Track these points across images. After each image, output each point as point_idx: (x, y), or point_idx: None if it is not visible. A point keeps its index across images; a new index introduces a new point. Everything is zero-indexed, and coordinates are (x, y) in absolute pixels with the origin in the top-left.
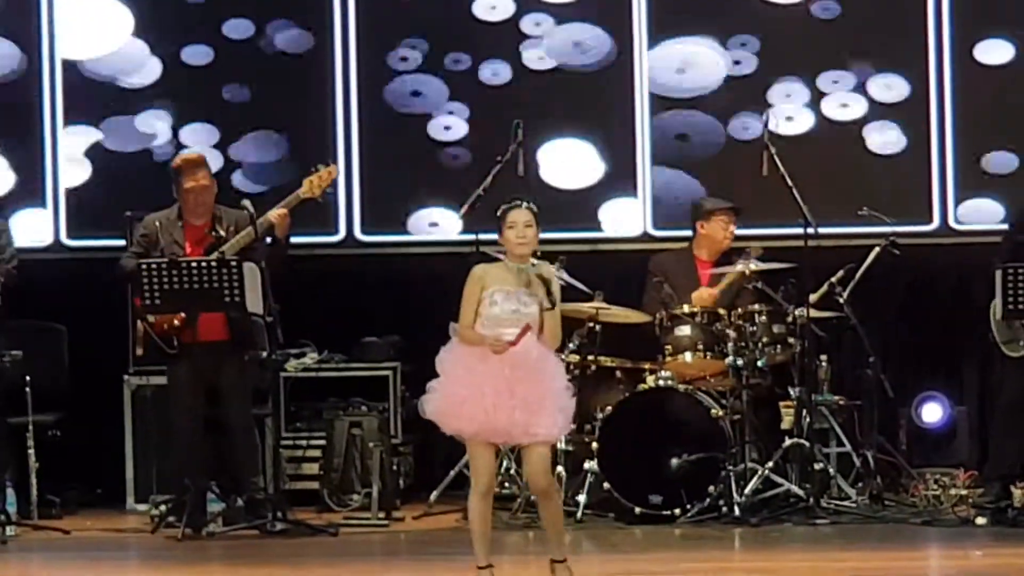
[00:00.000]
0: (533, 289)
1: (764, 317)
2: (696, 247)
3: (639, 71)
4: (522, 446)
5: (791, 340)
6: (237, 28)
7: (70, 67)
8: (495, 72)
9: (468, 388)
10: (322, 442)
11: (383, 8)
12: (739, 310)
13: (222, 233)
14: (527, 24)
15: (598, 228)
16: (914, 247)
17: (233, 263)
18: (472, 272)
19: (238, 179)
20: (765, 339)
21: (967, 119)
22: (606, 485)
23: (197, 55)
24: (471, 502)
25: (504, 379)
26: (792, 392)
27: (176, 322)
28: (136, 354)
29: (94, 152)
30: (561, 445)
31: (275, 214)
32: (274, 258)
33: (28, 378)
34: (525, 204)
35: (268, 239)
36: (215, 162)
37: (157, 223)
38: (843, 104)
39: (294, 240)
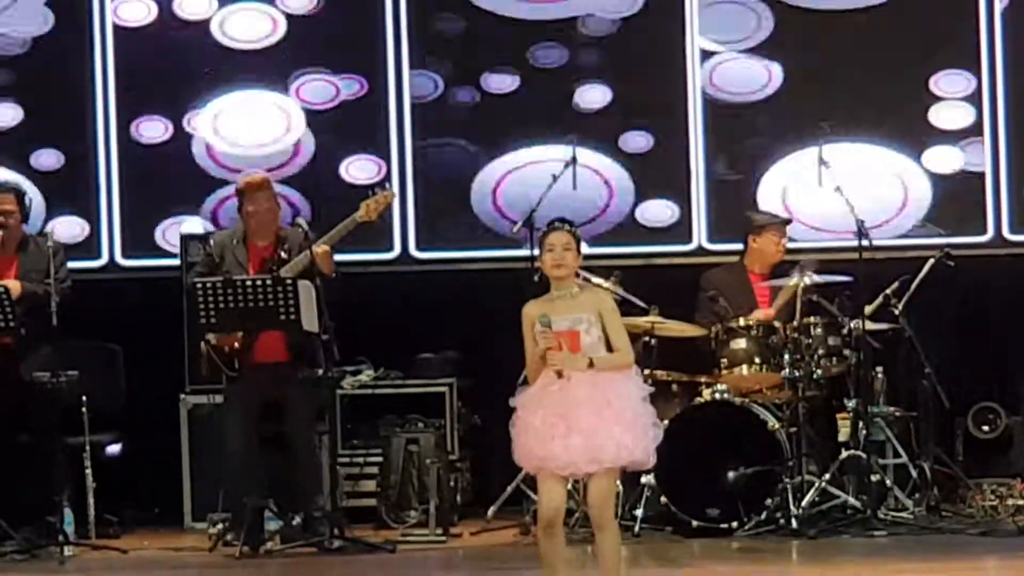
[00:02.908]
0: (581, 312)
1: (819, 329)
2: (748, 261)
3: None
4: (589, 475)
5: (847, 352)
6: None
7: None
8: None
9: (524, 425)
10: (379, 459)
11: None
12: (795, 323)
13: (283, 255)
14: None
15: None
16: (968, 258)
17: (288, 281)
18: (523, 312)
19: None
20: (821, 351)
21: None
22: (663, 499)
23: None
24: (538, 533)
25: (553, 408)
26: (848, 404)
27: (236, 344)
28: (202, 374)
29: None
30: None
31: (317, 252)
32: (329, 289)
33: (84, 398)
34: (566, 227)
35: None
36: None
37: (223, 242)
38: None
39: (350, 258)
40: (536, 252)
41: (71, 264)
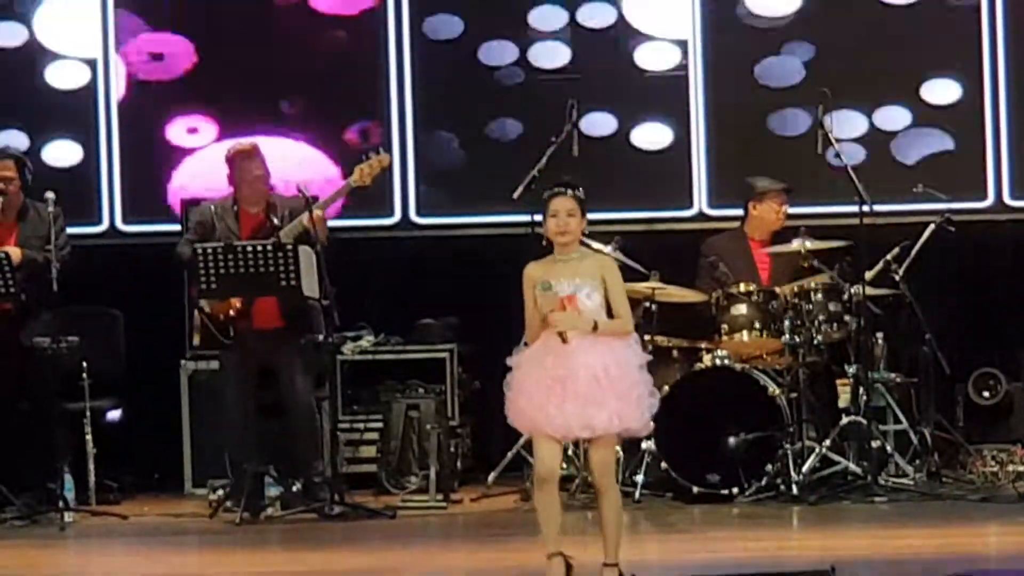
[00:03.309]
0: (583, 277)
1: (820, 295)
2: (749, 227)
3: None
4: (585, 441)
5: (847, 318)
6: None
7: None
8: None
9: (519, 386)
10: (379, 425)
11: None
12: (795, 288)
13: (276, 222)
14: None
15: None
16: (969, 224)
17: (288, 247)
18: (524, 273)
19: None
20: (821, 317)
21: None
22: (664, 464)
23: None
24: (533, 491)
25: (552, 371)
26: (849, 370)
27: (232, 312)
28: (193, 343)
29: None
30: None
31: (308, 219)
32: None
33: (85, 364)
34: (570, 191)
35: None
36: None
37: (212, 210)
38: None
39: (351, 223)
40: (535, 217)
41: (71, 230)
